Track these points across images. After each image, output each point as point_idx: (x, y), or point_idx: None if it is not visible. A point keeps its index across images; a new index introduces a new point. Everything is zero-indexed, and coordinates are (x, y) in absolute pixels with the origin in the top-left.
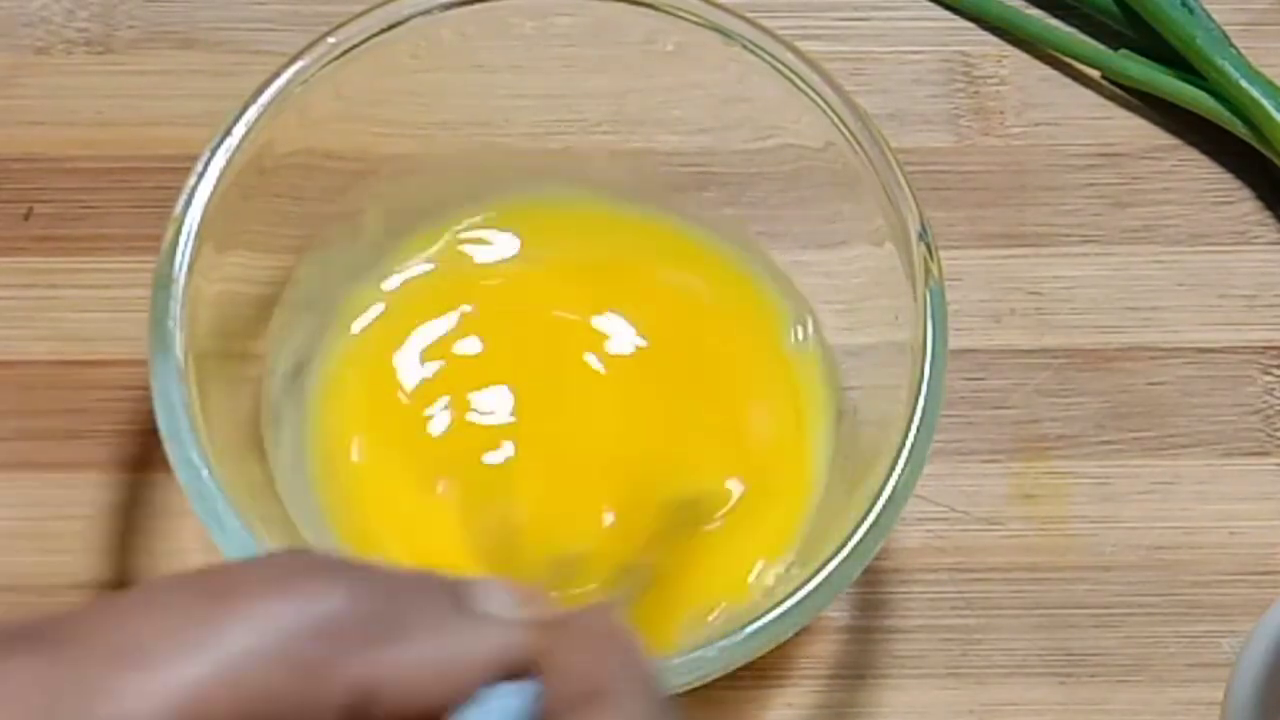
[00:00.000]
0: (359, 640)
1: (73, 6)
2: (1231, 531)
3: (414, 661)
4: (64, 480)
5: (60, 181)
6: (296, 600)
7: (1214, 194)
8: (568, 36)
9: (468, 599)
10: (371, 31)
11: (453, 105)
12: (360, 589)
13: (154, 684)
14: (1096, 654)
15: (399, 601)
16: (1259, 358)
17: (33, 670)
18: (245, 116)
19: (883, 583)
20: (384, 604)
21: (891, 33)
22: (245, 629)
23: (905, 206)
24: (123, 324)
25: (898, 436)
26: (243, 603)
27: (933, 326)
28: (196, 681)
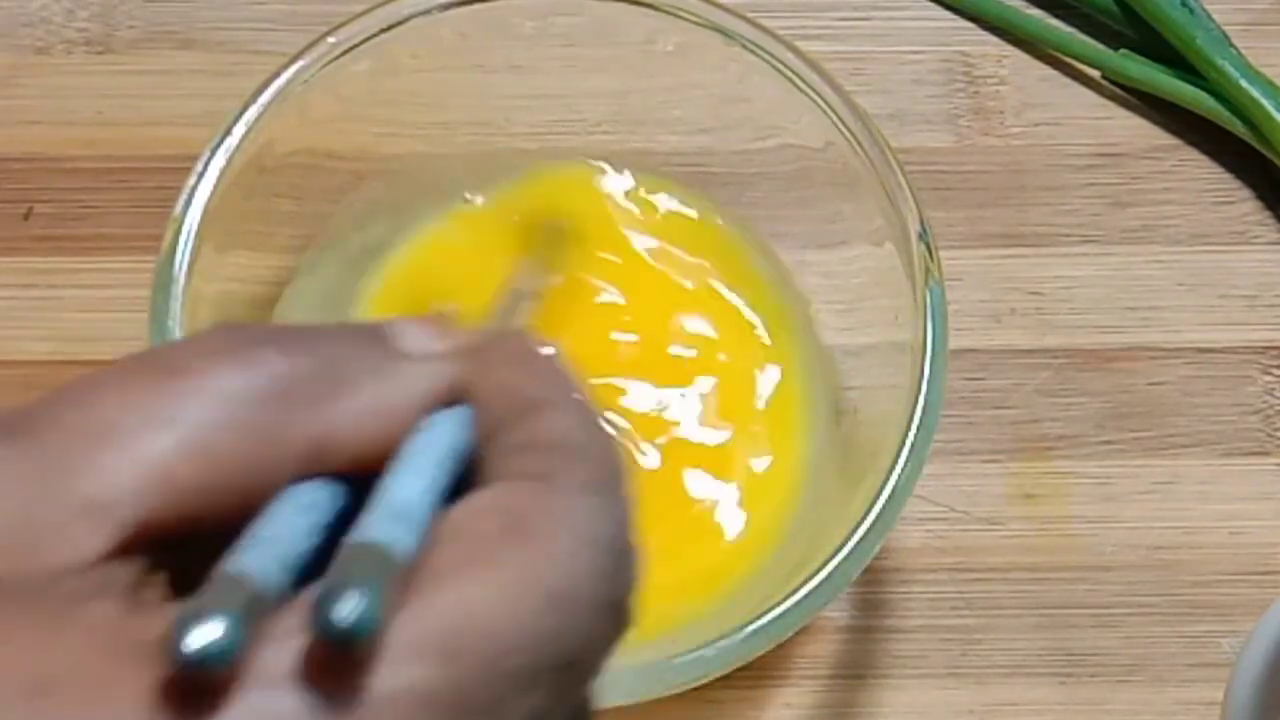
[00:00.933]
0: (303, 398)
1: (73, 6)
2: (1231, 531)
3: (355, 408)
4: None
5: (60, 181)
6: (243, 368)
7: (1214, 194)
8: (568, 36)
9: (392, 340)
10: (371, 31)
11: (453, 105)
12: (296, 350)
13: (125, 459)
14: (1096, 654)
15: (333, 355)
16: (1259, 358)
17: (10, 459)
18: (245, 116)
19: (883, 583)
20: (320, 360)
21: (891, 33)
22: (201, 400)
23: (905, 206)
24: (123, 324)
25: (898, 436)
26: (195, 376)
27: (933, 326)
28: (163, 453)
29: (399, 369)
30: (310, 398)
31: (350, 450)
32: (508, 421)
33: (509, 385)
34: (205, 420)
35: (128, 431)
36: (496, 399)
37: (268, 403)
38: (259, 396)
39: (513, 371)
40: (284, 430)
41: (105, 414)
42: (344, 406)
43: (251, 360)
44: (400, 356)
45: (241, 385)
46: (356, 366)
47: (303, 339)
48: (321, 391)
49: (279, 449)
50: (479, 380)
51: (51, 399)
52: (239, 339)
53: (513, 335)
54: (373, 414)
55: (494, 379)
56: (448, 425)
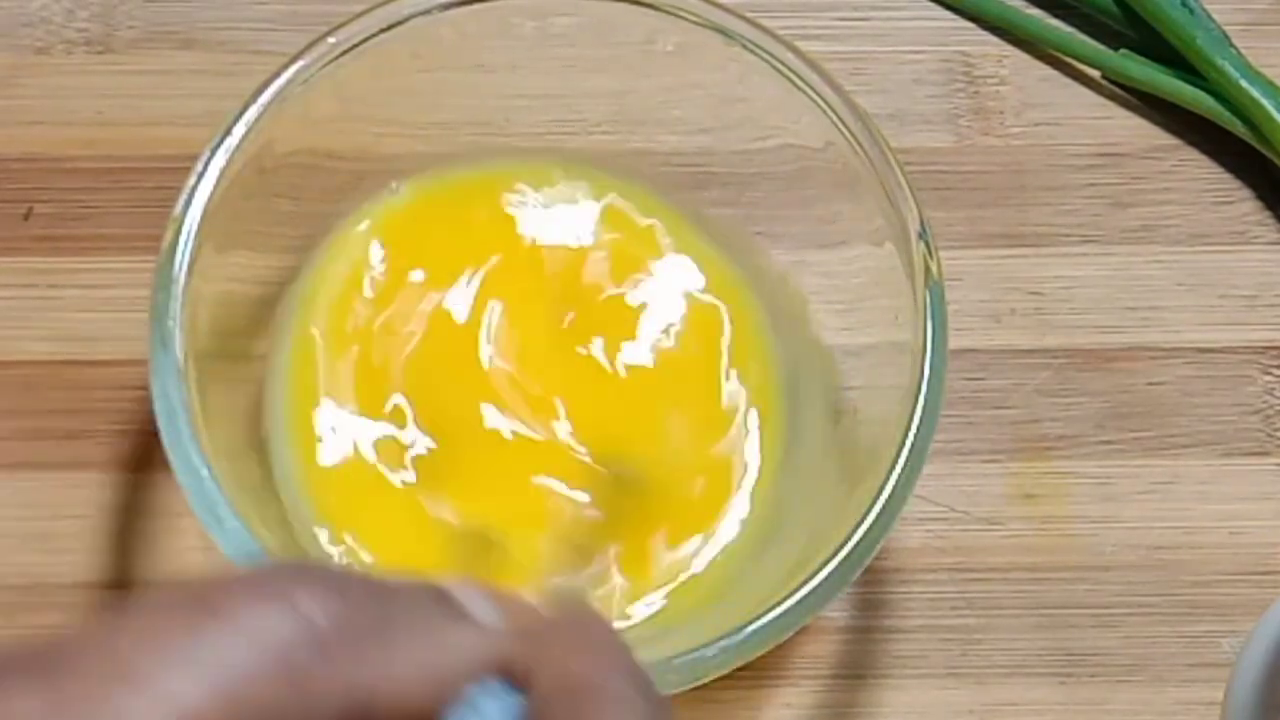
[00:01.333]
0: (350, 648)
1: (73, 6)
2: (1231, 531)
3: (403, 666)
4: (64, 480)
5: (60, 181)
6: (287, 610)
7: (1214, 194)
8: (568, 36)
9: (451, 602)
10: (371, 31)
11: (453, 105)
12: (348, 596)
13: (152, 704)
14: (1096, 654)
15: (385, 607)
16: (1259, 358)
17: (32, 696)
18: (245, 116)
19: (883, 583)
20: (371, 610)
21: (891, 33)
22: (239, 642)
23: (905, 206)
24: (123, 324)
25: (897, 436)
26: (235, 616)
27: (933, 326)
28: (193, 699)
29: (453, 633)
30: (354, 650)
31: (391, 706)
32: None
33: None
34: (238, 666)
35: (154, 674)
36: (556, 678)
37: (311, 651)
38: (302, 643)
39: (575, 651)
40: (323, 680)
41: (135, 652)
42: (389, 663)
43: (298, 602)
44: (456, 619)
45: (285, 629)
46: (408, 619)
47: (356, 584)
48: (367, 644)
49: (317, 700)
50: (540, 655)
51: (82, 632)
52: (286, 577)
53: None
54: (418, 676)
55: (556, 656)
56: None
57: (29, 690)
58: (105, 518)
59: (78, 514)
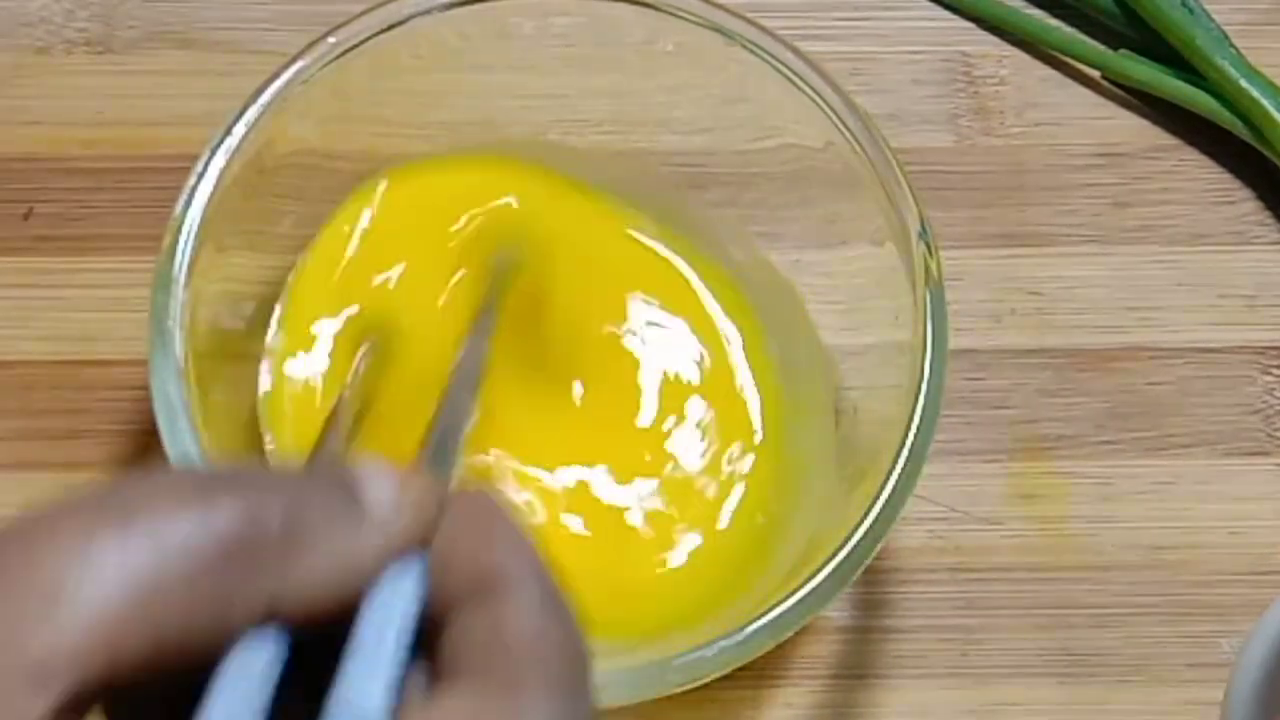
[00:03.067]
0: (259, 552)
1: (73, 6)
2: (1231, 531)
3: (311, 565)
4: (64, 480)
5: (60, 181)
6: (200, 516)
7: (1214, 194)
8: (568, 36)
9: (355, 489)
10: (371, 31)
11: (453, 105)
12: (257, 499)
13: (70, 617)
14: (1096, 654)
15: (294, 505)
16: (1259, 358)
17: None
18: (245, 116)
19: (883, 583)
20: (280, 511)
21: (891, 33)
22: (152, 549)
23: (905, 206)
24: (123, 324)
25: (898, 436)
26: (147, 523)
27: (933, 326)
28: (112, 612)
29: (359, 523)
30: (266, 552)
31: (304, 606)
32: (468, 597)
33: (472, 557)
34: (156, 574)
35: (74, 584)
36: (458, 569)
37: (221, 557)
38: (212, 550)
39: (476, 540)
40: (237, 587)
41: (46, 563)
42: (300, 562)
43: (208, 509)
44: (361, 508)
45: (195, 538)
46: (316, 516)
47: (261, 485)
48: (278, 544)
49: (232, 606)
50: (441, 543)
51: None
52: (195, 484)
53: (479, 496)
54: (329, 571)
55: (456, 545)
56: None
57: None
58: None
59: None
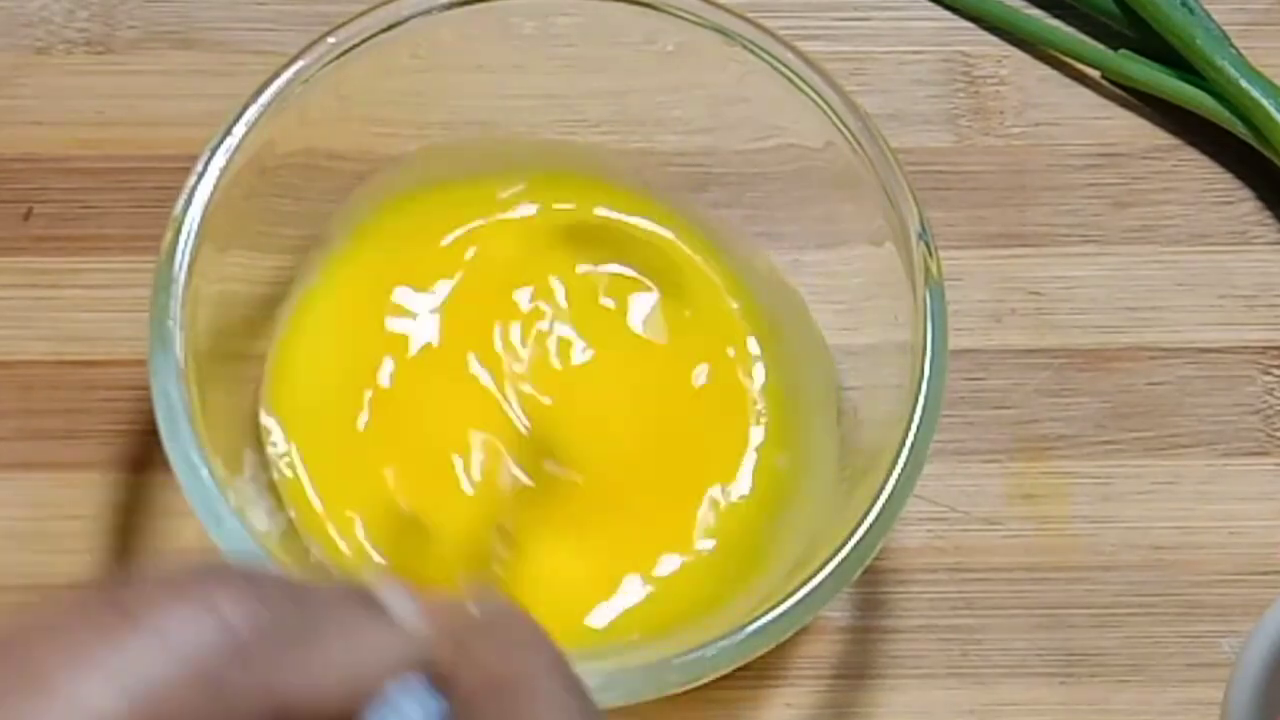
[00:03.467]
0: (268, 653)
1: (73, 6)
2: (1231, 531)
3: (321, 668)
4: (64, 480)
5: (60, 181)
6: (205, 616)
7: (1214, 194)
8: (568, 36)
9: (372, 603)
10: (371, 31)
11: (453, 105)
12: (267, 599)
13: (66, 714)
14: (1096, 654)
15: (305, 609)
16: (1259, 358)
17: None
18: (245, 116)
19: (883, 583)
20: (291, 612)
21: (891, 33)
22: (156, 650)
23: (905, 206)
24: (123, 324)
25: (898, 436)
26: (152, 621)
27: (933, 326)
28: (109, 709)
29: (373, 633)
30: (272, 654)
31: (310, 708)
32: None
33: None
34: (155, 675)
35: (69, 685)
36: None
37: (226, 658)
38: (221, 649)
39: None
40: (241, 687)
41: (48, 659)
42: (307, 666)
43: (217, 605)
44: (377, 620)
45: (204, 635)
46: (328, 623)
47: (275, 588)
48: (286, 647)
49: (232, 708)
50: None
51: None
52: (205, 582)
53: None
54: (336, 678)
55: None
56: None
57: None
58: (105, 518)
59: (78, 514)
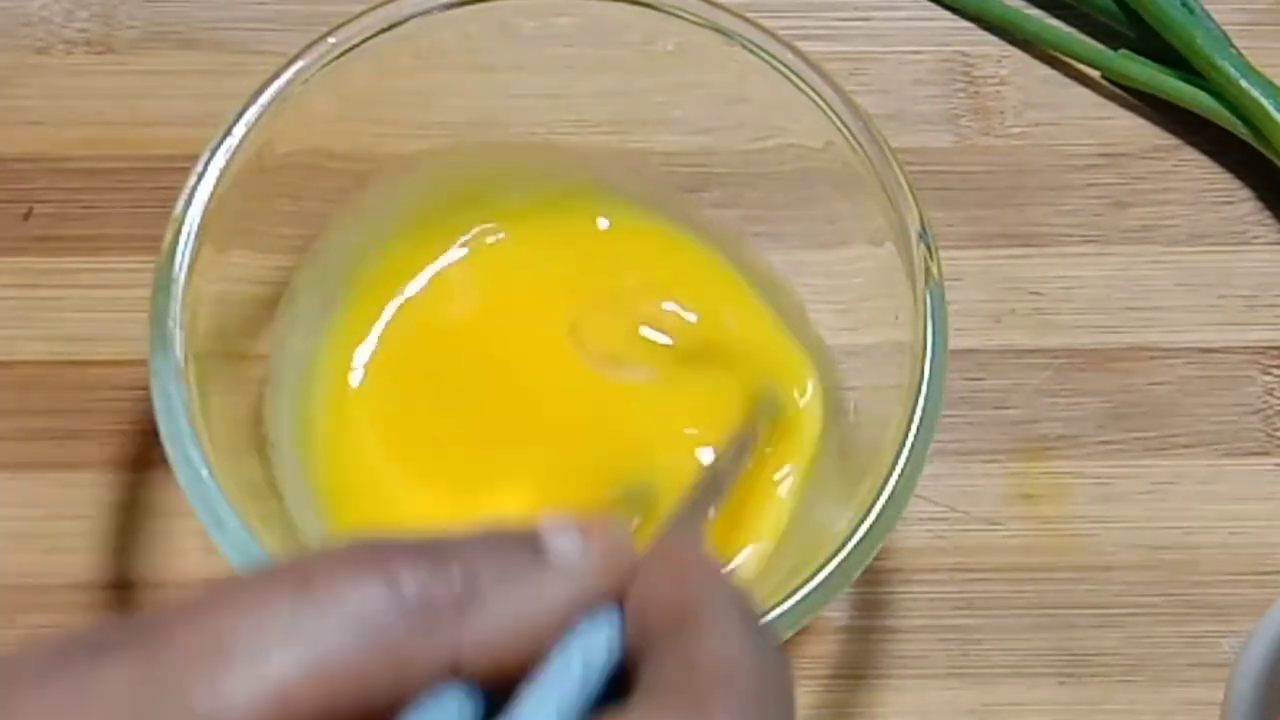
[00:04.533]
0: (438, 615)
1: (73, 6)
2: (1231, 531)
3: (491, 624)
4: (64, 480)
5: (60, 181)
6: (380, 585)
7: (1214, 194)
8: (568, 36)
9: (537, 547)
10: (371, 31)
11: (453, 105)
12: (437, 562)
13: (246, 681)
14: (1096, 654)
15: (473, 567)
16: (1259, 358)
17: (128, 673)
18: (245, 116)
19: (883, 583)
20: (460, 572)
21: (891, 33)
22: (331, 618)
23: (905, 206)
24: (123, 324)
25: (898, 436)
26: (330, 592)
27: (933, 326)
28: (288, 676)
29: (540, 580)
30: (445, 614)
31: (487, 664)
32: (662, 637)
33: (663, 598)
34: (334, 644)
35: (249, 650)
36: (650, 613)
37: (400, 622)
38: (392, 615)
39: (669, 580)
40: (417, 650)
41: (229, 630)
42: (479, 623)
43: (387, 573)
44: (544, 565)
45: (373, 603)
46: (497, 575)
47: (440, 550)
48: (457, 606)
49: (410, 668)
50: (631, 592)
51: (176, 609)
52: (373, 553)
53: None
54: (510, 629)
55: (647, 591)
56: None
57: (124, 662)
58: (105, 517)
59: (78, 514)
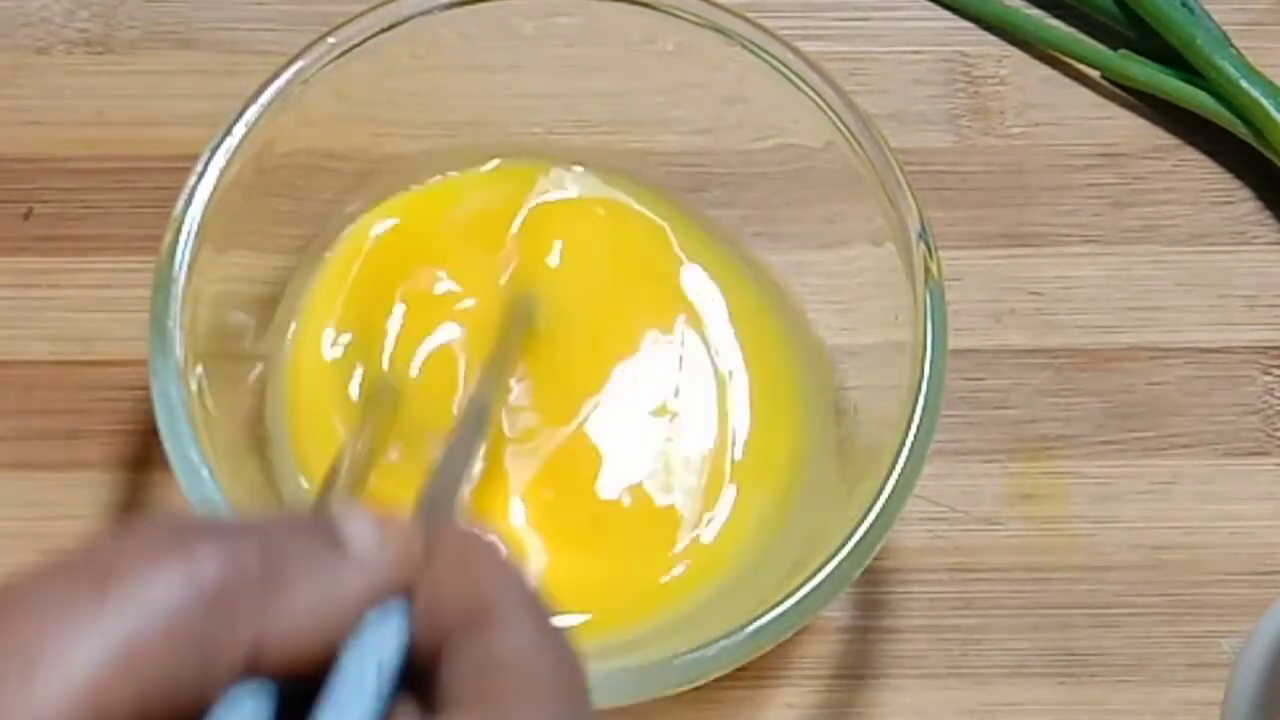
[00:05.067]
0: (240, 602)
1: (73, 6)
2: (1231, 531)
3: (293, 612)
4: (64, 480)
5: (60, 181)
6: (178, 570)
7: (1214, 194)
8: (568, 36)
9: (335, 533)
10: (371, 31)
11: (453, 105)
12: (235, 547)
13: (56, 682)
14: (1096, 654)
15: (272, 552)
16: (1259, 358)
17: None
18: (245, 116)
19: (883, 583)
20: (258, 557)
21: (891, 33)
22: (134, 607)
23: (905, 206)
24: (123, 324)
25: (898, 436)
26: (124, 583)
27: (933, 326)
28: (92, 671)
29: (339, 568)
30: (247, 601)
31: (286, 655)
32: (459, 631)
33: (455, 591)
34: (137, 632)
35: (55, 649)
36: (448, 605)
37: (202, 609)
38: (193, 602)
39: (459, 575)
40: (220, 638)
41: (31, 631)
42: (280, 606)
43: (185, 561)
44: (341, 553)
45: (174, 591)
46: (295, 563)
47: (239, 534)
48: (257, 589)
49: (215, 657)
50: (425, 581)
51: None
52: (172, 536)
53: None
54: (311, 613)
55: (441, 582)
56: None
57: None
58: (105, 518)
59: (77, 514)
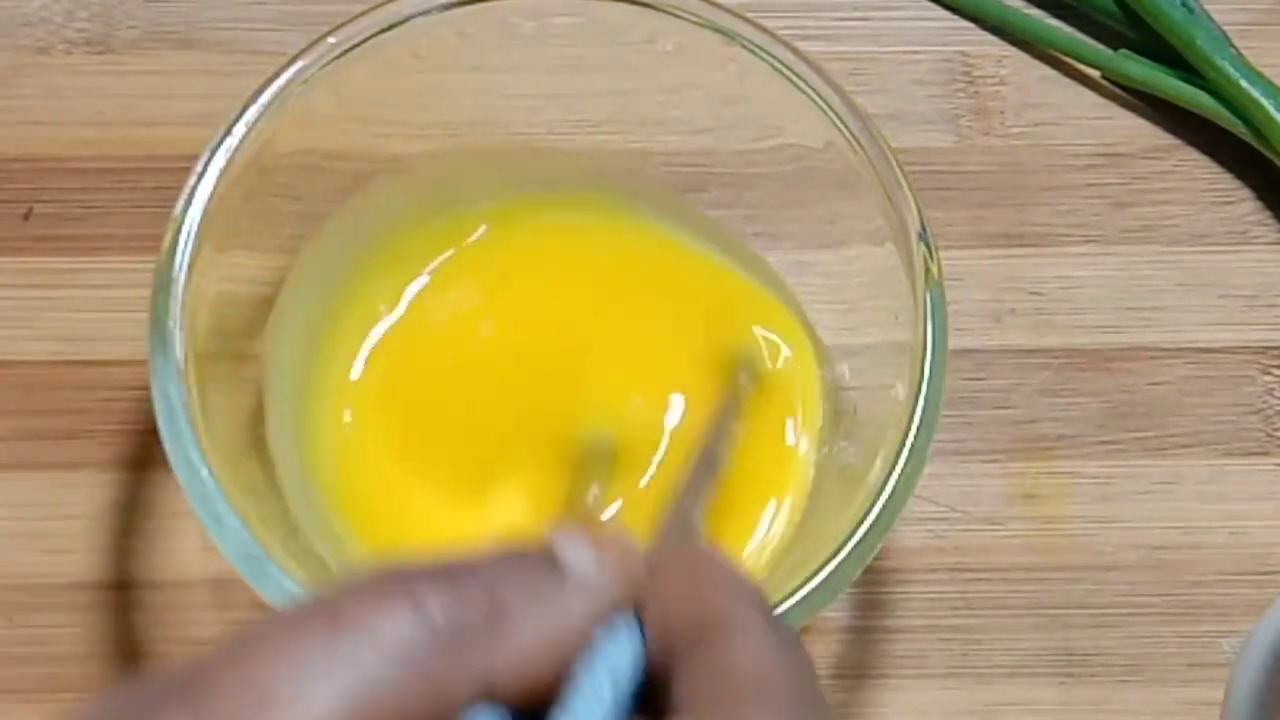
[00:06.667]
0: (468, 638)
1: (73, 6)
2: (1231, 531)
3: (520, 643)
4: (64, 480)
5: (60, 181)
6: (408, 611)
7: (1214, 194)
8: (568, 36)
9: (555, 563)
10: (371, 31)
11: (453, 105)
12: (460, 585)
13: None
14: (1096, 654)
15: (495, 587)
16: (1259, 358)
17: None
18: (245, 116)
19: (883, 583)
20: (483, 593)
21: (891, 33)
22: (365, 651)
23: (905, 206)
24: (123, 324)
25: (898, 436)
26: (362, 624)
27: (933, 326)
28: (332, 712)
29: (562, 594)
30: (475, 637)
31: (518, 684)
32: (691, 643)
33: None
34: (370, 675)
35: (292, 691)
36: (671, 622)
37: (433, 647)
38: (424, 642)
39: (685, 589)
40: (451, 674)
41: (268, 673)
42: (508, 640)
43: (413, 604)
44: (562, 580)
45: (406, 632)
46: (519, 594)
47: (462, 573)
48: (485, 626)
49: (447, 693)
50: (655, 595)
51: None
52: (397, 581)
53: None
54: (537, 647)
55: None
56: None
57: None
58: (105, 517)
59: (77, 514)
